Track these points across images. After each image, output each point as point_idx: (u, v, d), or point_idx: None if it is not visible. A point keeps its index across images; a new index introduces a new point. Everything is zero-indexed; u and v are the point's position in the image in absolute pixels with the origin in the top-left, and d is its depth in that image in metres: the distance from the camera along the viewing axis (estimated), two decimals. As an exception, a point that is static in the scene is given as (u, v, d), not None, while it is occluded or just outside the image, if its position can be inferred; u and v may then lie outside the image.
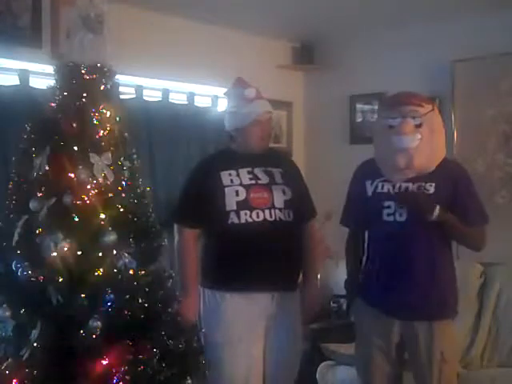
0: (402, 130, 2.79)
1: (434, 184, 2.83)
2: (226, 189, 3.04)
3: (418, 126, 2.80)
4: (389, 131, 2.85)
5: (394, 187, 2.87)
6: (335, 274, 4.90)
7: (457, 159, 4.29)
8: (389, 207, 2.86)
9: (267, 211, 3.04)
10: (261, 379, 3.09)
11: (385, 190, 2.90)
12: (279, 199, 3.08)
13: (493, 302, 4.04)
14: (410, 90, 2.97)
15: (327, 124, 5.19)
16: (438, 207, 2.75)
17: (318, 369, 4.16)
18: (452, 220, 2.82)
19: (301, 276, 3.25)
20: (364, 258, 3.04)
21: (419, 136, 2.80)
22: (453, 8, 4.27)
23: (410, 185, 2.85)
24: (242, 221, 3.01)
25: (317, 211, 3.38)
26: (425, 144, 2.80)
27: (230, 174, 3.08)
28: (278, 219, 3.05)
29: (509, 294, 4.01)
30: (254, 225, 3.02)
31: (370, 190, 2.95)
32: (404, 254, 2.84)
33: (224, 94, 3.32)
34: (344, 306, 4.58)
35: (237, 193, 3.04)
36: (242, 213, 3.01)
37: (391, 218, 2.85)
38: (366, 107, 4.99)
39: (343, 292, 3.29)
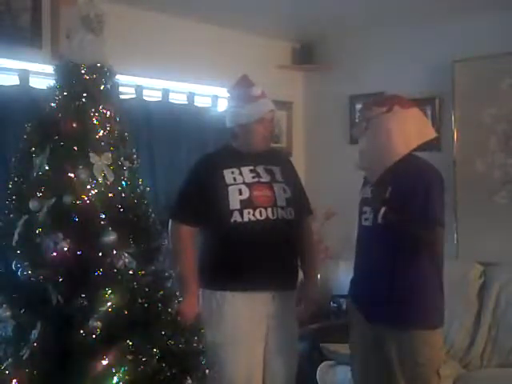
0: (354, 133, 2.90)
1: (390, 188, 2.77)
2: (230, 187, 3.04)
3: (367, 128, 2.86)
4: None
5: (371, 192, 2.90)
6: (335, 274, 4.91)
7: (458, 159, 4.32)
8: (365, 212, 2.88)
9: (270, 210, 3.04)
10: (261, 379, 3.09)
11: (365, 195, 2.93)
12: (281, 197, 3.09)
13: (493, 302, 4.04)
14: (409, 90, 2.99)
15: (327, 124, 5.18)
16: (382, 210, 2.72)
17: (318, 369, 4.15)
18: (399, 225, 2.72)
19: (300, 275, 3.25)
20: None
21: (365, 139, 2.86)
22: (453, 8, 4.26)
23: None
24: (245, 219, 3.01)
25: (313, 210, 3.39)
26: (369, 146, 2.84)
27: (232, 173, 3.08)
28: (280, 217, 3.06)
29: (509, 294, 4.00)
30: (257, 223, 3.02)
31: (360, 196, 2.98)
32: (367, 258, 2.86)
33: (228, 91, 3.32)
34: (344, 306, 4.58)
35: (240, 191, 3.04)
36: (246, 211, 3.01)
37: (366, 223, 2.87)
38: (366, 107, 4.98)
39: (343, 292, 3.29)
